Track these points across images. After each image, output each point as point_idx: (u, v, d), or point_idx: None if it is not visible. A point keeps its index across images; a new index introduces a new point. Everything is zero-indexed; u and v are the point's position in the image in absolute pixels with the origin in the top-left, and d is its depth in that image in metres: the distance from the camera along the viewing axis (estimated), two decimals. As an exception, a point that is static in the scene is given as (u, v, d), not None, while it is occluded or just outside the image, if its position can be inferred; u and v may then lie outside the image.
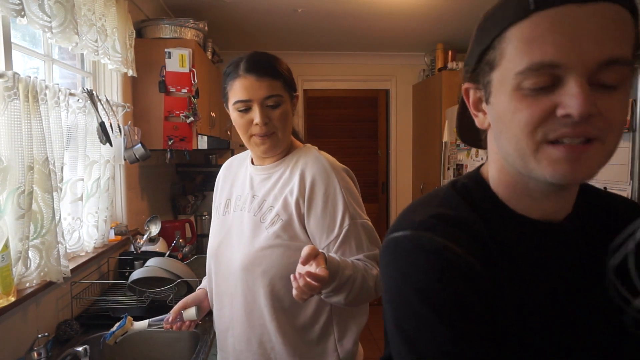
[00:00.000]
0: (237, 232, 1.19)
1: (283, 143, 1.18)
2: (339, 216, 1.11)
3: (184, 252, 2.54)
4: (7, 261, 1.29)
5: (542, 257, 0.59)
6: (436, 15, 3.21)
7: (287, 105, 1.15)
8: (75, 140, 1.82)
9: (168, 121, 2.55)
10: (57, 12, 1.55)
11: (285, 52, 4.40)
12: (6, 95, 1.30)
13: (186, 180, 3.70)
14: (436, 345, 0.52)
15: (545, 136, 0.51)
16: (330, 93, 4.63)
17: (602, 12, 0.48)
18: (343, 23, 3.42)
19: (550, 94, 0.50)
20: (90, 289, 1.91)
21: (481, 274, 0.55)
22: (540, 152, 0.52)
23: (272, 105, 1.12)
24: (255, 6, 3.02)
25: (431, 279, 0.54)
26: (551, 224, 0.60)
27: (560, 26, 0.49)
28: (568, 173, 0.52)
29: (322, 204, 1.11)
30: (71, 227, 1.82)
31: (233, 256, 1.18)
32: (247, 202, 1.20)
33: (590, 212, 0.63)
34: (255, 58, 1.14)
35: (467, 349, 0.52)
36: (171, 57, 2.51)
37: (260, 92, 1.10)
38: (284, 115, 1.14)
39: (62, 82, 2.02)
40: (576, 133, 0.50)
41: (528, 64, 0.50)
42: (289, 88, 1.16)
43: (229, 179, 1.31)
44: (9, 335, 1.38)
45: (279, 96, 1.12)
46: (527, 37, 0.50)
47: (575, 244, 0.61)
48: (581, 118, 0.48)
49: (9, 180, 1.32)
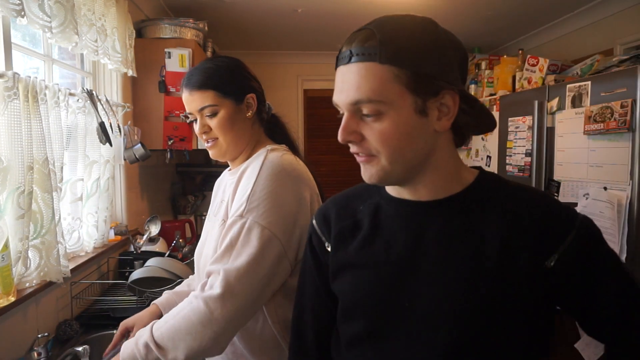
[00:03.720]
0: (207, 237, 1.21)
1: (231, 148, 1.18)
2: (237, 205, 1.06)
3: (184, 252, 2.54)
4: (7, 261, 1.29)
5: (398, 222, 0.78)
6: (435, 15, 3.20)
7: (226, 111, 1.14)
8: (75, 140, 1.82)
9: (168, 121, 2.55)
10: (57, 12, 1.55)
11: (285, 52, 4.41)
12: (6, 95, 1.30)
13: (186, 180, 3.70)
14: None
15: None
16: (330, 93, 4.43)
17: (353, 70, 0.69)
18: (343, 23, 3.42)
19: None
20: (90, 289, 1.91)
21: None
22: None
23: (209, 114, 1.15)
24: (255, 6, 3.02)
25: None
26: (410, 201, 0.78)
27: (338, 77, 0.72)
28: (365, 176, 0.74)
29: (236, 196, 1.10)
30: (71, 227, 1.82)
31: (200, 261, 1.20)
32: (217, 207, 1.23)
33: (471, 199, 0.76)
34: (190, 73, 1.17)
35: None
36: (171, 57, 2.51)
37: (194, 105, 1.15)
38: (223, 122, 1.14)
39: (62, 82, 2.02)
40: (354, 151, 0.74)
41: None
42: (229, 94, 1.14)
43: (218, 187, 1.32)
44: (9, 335, 1.38)
45: (213, 106, 1.13)
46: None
47: (435, 216, 0.75)
48: (344, 142, 0.72)
49: (9, 180, 1.32)
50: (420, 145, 0.71)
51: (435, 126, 0.71)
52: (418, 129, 0.69)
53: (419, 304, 0.72)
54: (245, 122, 1.18)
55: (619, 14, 2.87)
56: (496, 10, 3.15)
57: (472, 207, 0.74)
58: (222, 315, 0.97)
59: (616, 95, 1.90)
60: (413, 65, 0.67)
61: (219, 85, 1.13)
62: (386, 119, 0.68)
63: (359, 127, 0.70)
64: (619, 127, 1.84)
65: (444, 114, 0.70)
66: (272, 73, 4.41)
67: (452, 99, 0.69)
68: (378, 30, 0.68)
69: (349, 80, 0.69)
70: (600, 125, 1.95)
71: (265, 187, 1.05)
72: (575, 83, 2.15)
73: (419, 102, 0.68)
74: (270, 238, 1.02)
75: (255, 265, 1.00)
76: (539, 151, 2.37)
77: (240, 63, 1.22)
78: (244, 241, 1.01)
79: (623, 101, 1.84)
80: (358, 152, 0.73)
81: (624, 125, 1.82)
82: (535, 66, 2.68)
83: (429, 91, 0.68)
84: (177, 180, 3.59)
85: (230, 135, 1.16)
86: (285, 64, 4.49)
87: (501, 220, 0.72)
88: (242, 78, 1.18)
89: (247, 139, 1.19)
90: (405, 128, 0.69)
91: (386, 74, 0.67)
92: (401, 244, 0.75)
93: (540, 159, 2.38)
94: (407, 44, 0.67)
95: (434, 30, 0.70)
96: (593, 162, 2.02)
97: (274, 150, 1.15)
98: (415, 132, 0.69)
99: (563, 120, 2.23)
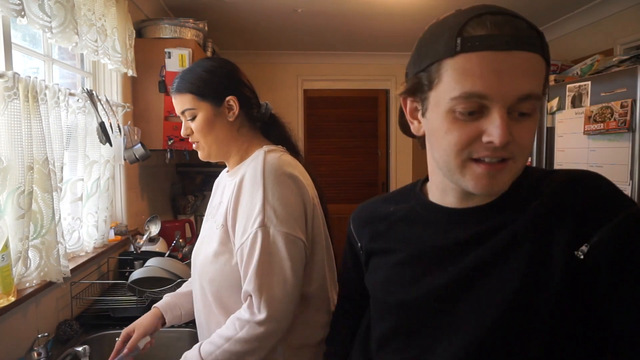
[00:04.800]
0: (205, 239, 1.22)
1: (214, 150, 1.19)
2: (252, 218, 1.06)
3: (184, 252, 2.54)
4: (7, 261, 1.29)
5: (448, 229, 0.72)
6: (436, 15, 3.20)
7: (204, 114, 1.15)
8: (75, 140, 1.82)
9: (168, 121, 2.55)
10: (57, 12, 1.55)
11: (285, 52, 4.41)
12: (6, 95, 1.30)
13: (186, 180, 3.70)
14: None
15: (470, 155, 0.63)
16: (330, 93, 4.63)
17: (519, 57, 0.59)
18: (343, 23, 3.42)
19: (477, 121, 0.62)
20: (90, 289, 1.91)
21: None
22: (465, 168, 0.64)
23: (189, 118, 1.17)
24: (255, 6, 3.02)
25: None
26: (447, 208, 0.73)
27: (486, 65, 0.59)
28: (487, 185, 0.63)
29: (242, 206, 1.09)
30: (71, 227, 1.82)
31: (197, 262, 1.21)
32: (215, 209, 1.22)
33: (518, 198, 0.68)
34: (176, 77, 1.20)
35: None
36: (171, 57, 2.51)
37: (177, 108, 1.19)
38: (201, 125, 1.15)
39: (62, 82, 2.02)
40: (495, 155, 0.62)
41: (461, 92, 0.61)
42: (206, 97, 1.15)
43: (217, 188, 1.32)
44: (9, 335, 1.38)
45: (190, 109, 1.16)
46: (461, 69, 0.61)
47: (488, 220, 0.69)
48: (501, 145, 0.60)
49: (9, 180, 1.32)
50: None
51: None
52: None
53: (450, 304, 0.68)
54: (227, 125, 1.17)
55: (619, 14, 2.87)
56: (496, 10, 3.15)
57: (511, 206, 0.68)
58: (271, 334, 1.03)
59: (616, 95, 1.90)
60: (549, 64, 0.64)
61: (194, 89, 1.15)
62: (533, 118, 0.63)
63: (511, 127, 0.61)
64: (619, 127, 1.84)
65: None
66: (272, 73, 4.41)
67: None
68: (526, 20, 0.62)
69: (516, 69, 0.59)
70: (600, 125, 1.95)
71: (275, 192, 1.06)
72: (575, 83, 2.15)
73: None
74: (294, 241, 1.06)
75: (292, 273, 1.05)
76: (539, 151, 2.37)
77: (226, 64, 1.21)
78: (273, 252, 1.04)
79: (623, 101, 1.84)
80: (502, 156, 0.62)
81: (624, 125, 1.82)
82: (535, 66, 2.67)
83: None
84: (177, 180, 3.59)
85: (210, 138, 1.17)
86: (285, 64, 4.49)
87: (538, 210, 0.65)
88: (222, 80, 1.17)
89: (231, 141, 1.19)
90: (536, 129, 0.65)
91: (545, 70, 0.63)
92: (434, 245, 0.72)
93: (540, 159, 2.38)
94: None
95: None
96: (593, 162, 2.02)
97: (271, 151, 1.15)
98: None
99: (563, 120, 2.23)
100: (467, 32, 0.60)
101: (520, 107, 0.61)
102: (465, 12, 0.63)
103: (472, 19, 0.61)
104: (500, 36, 0.59)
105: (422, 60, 0.66)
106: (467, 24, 0.61)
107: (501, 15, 0.61)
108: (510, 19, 0.60)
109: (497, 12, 0.61)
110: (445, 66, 0.62)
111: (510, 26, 0.60)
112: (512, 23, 0.60)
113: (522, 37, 0.59)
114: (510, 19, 0.60)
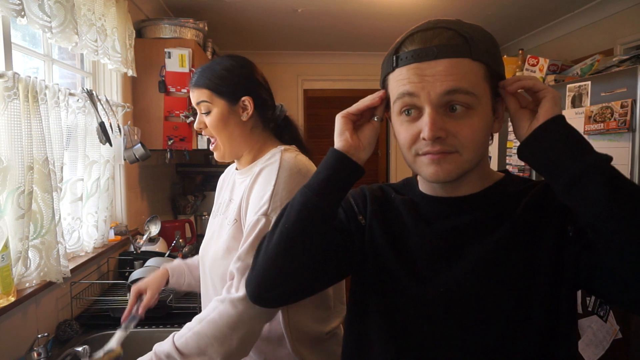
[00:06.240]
0: (214, 235, 1.21)
1: (228, 148, 1.19)
2: (257, 206, 1.05)
3: (184, 252, 2.54)
4: (7, 261, 1.29)
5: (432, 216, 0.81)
6: (436, 15, 3.20)
7: (219, 110, 1.15)
8: (75, 140, 1.82)
9: (168, 121, 2.55)
10: (57, 12, 1.55)
11: (285, 52, 4.41)
12: (6, 95, 1.30)
13: (186, 180, 3.70)
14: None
15: (417, 151, 0.73)
16: (330, 93, 4.63)
17: (442, 64, 0.69)
18: (343, 23, 3.42)
19: (416, 122, 0.72)
20: (90, 289, 1.91)
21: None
22: (416, 162, 0.75)
23: (204, 112, 1.17)
24: (255, 6, 3.02)
25: None
26: (444, 198, 0.80)
27: (414, 74, 0.70)
28: (434, 173, 0.72)
29: (252, 197, 1.10)
30: (71, 227, 1.82)
31: (206, 261, 1.20)
32: (224, 205, 1.22)
33: (497, 196, 0.79)
34: (195, 71, 1.21)
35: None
36: (171, 57, 2.51)
37: (193, 100, 1.19)
38: (215, 120, 1.16)
39: (62, 82, 2.02)
40: (434, 150, 0.71)
41: (397, 95, 0.73)
42: (222, 94, 1.15)
43: (223, 184, 1.33)
44: (9, 335, 1.38)
45: (206, 102, 1.16)
46: (396, 79, 0.73)
47: (466, 212, 0.78)
48: (432, 140, 0.69)
49: (9, 180, 1.32)
50: (488, 142, 0.76)
51: (495, 126, 0.76)
52: (491, 126, 0.75)
53: (453, 287, 0.74)
54: (241, 123, 1.17)
55: (619, 14, 2.87)
56: (496, 10, 3.15)
57: (504, 197, 0.78)
58: (251, 316, 0.97)
59: (616, 95, 1.90)
60: (495, 64, 0.72)
61: (212, 85, 1.15)
62: (475, 114, 0.70)
63: (444, 123, 0.70)
64: (619, 127, 1.84)
65: (499, 116, 0.76)
66: (272, 73, 4.38)
67: (502, 103, 0.76)
68: (459, 29, 0.71)
69: (439, 73, 0.69)
70: (600, 125, 1.95)
71: (285, 187, 1.06)
72: (575, 83, 2.15)
73: (493, 101, 0.73)
74: None
75: None
76: (539, 151, 2.37)
77: (246, 64, 1.21)
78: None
79: (623, 101, 1.84)
80: (440, 149, 0.71)
81: (624, 125, 1.82)
82: (535, 66, 2.68)
83: (497, 91, 0.74)
84: (177, 180, 3.59)
85: (223, 135, 1.17)
86: (285, 64, 4.49)
87: (530, 202, 0.75)
88: (239, 80, 1.17)
89: (244, 140, 1.19)
90: (486, 124, 0.73)
91: (479, 70, 0.70)
92: (436, 237, 0.78)
93: (540, 159, 2.37)
94: (487, 45, 0.72)
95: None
96: (593, 162, 2.02)
97: (287, 150, 1.16)
98: (489, 129, 0.74)
99: (563, 120, 2.23)
100: (401, 50, 0.73)
101: (451, 101, 0.69)
102: (406, 32, 0.75)
103: (407, 37, 0.73)
104: (426, 49, 0.70)
105: (381, 76, 0.79)
106: (402, 43, 0.74)
107: (431, 30, 0.72)
108: (439, 32, 0.71)
109: (429, 28, 0.72)
110: (389, 79, 0.76)
111: (439, 38, 0.70)
112: (440, 36, 0.70)
113: (448, 46, 0.69)
114: (440, 32, 0.71)
